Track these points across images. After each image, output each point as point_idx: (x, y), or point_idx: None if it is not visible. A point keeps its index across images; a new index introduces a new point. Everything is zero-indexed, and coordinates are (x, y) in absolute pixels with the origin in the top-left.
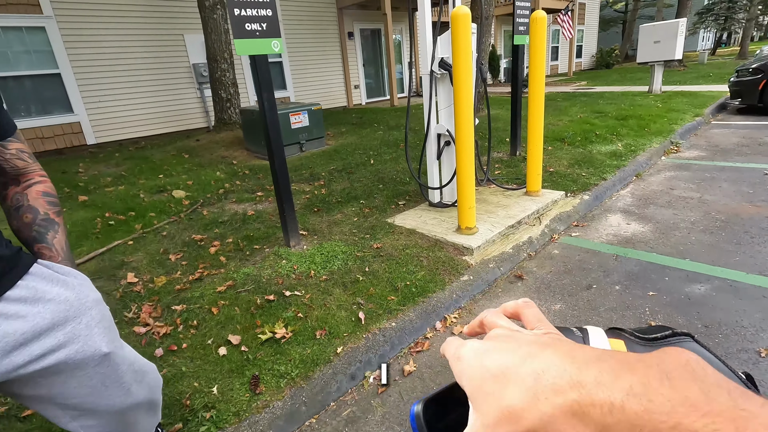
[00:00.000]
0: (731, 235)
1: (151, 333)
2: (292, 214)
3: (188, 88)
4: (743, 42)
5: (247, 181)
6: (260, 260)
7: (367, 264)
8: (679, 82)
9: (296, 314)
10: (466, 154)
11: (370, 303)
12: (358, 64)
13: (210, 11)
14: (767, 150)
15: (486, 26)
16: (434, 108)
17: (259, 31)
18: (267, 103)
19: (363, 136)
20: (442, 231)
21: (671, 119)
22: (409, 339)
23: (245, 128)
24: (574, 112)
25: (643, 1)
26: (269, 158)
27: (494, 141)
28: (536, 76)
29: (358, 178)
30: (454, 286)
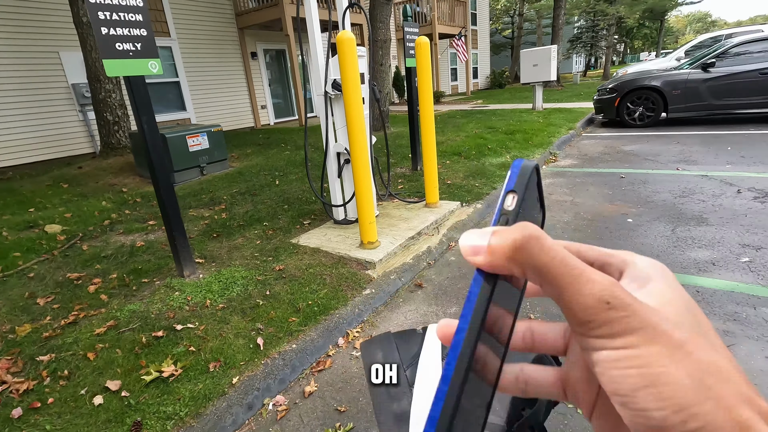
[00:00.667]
0: (595, 231)
1: (8, 391)
2: (184, 242)
3: (68, 111)
4: (605, 65)
5: (138, 210)
6: (149, 295)
7: (269, 287)
8: (557, 99)
9: (188, 348)
10: (362, 171)
11: (271, 327)
12: (263, 84)
13: (88, 27)
14: (623, 157)
15: (384, 49)
16: (331, 127)
17: (132, 51)
18: (147, 126)
19: (269, 157)
20: (346, 247)
21: (550, 132)
22: (310, 359)
23: (136, 153)
24: (470, 128)
25: (525, 29)
26: (153, 183)
27: (397, 157)
28: (425, 96)
29: (262, 199)
30: (357, 301)
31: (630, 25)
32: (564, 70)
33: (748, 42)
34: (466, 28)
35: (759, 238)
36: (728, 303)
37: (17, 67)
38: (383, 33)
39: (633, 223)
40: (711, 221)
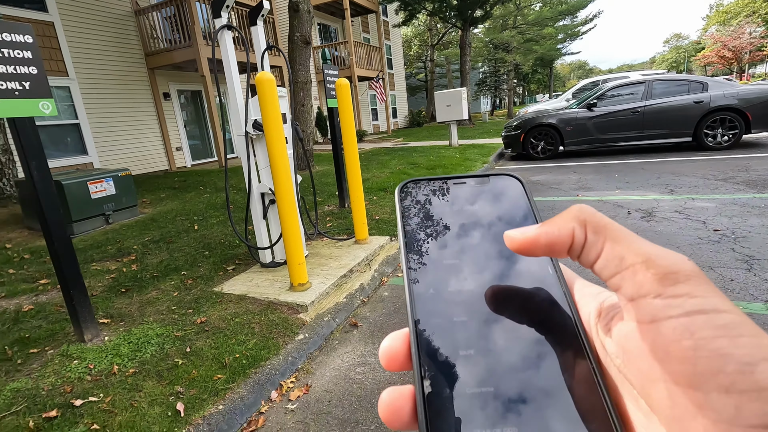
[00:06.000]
0: None
1: None
2: (84, 301)
3: None
4: (509, 105)
5: (26, 268)
6: (39, 367)
7: (189, 343)
8: (470, 136)
9: (90, 427)
10: (289, 211)
11: (192, 388)
12: (178, 125)
13: None
14: (533, 186)
15: (306, 90)
16: (254, 168)
17: (19, 90)
18: (37, 172)
19: (186, 201)
20: (275, 291)
21: (468, 166)
22: (240, 420)
23: (24, 203)
24: (393, 164)
25: (437, 73)
26: (45, 235)
27: (324, 195)
28: (348, 134)
29: (179, 246)
30: (289, 348)
31: (525, 71)
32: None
33: (619, 86)
34: (383, 71)
35: None
36: None
37: None
38: (303, 75)
39: None
40: None
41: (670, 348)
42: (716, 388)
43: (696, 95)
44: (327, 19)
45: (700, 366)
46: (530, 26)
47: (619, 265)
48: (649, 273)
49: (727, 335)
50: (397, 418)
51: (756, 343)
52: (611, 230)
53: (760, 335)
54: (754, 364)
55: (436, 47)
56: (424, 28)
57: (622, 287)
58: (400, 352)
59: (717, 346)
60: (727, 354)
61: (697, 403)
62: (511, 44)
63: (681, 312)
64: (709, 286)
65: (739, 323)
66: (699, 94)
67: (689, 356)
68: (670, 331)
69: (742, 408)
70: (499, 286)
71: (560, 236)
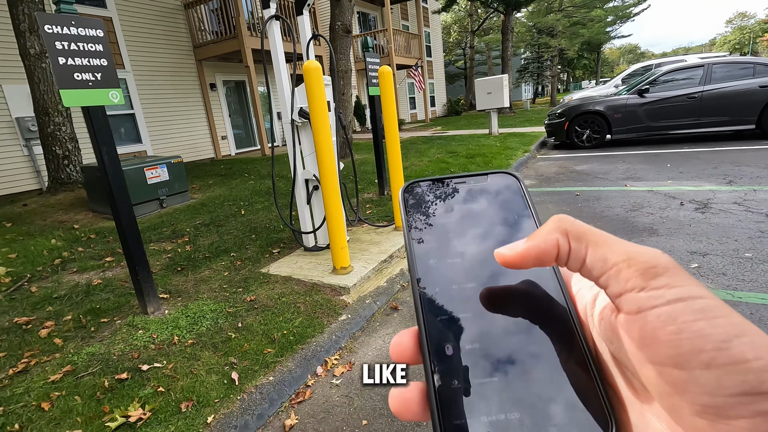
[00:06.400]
0: None
1: None
2: (147, 276)
3: (11, 146)
4: (552, 93)
5: (92, 247)
6: (109, 335)
7: (240, 319)
8: (511, 125)
9: (156, 389)
10: (332, 196)
11: (245, 360)
12: (223, 115)
13: (36, 60)
14: (577, 176)
15: (346, 79)
16: (299, 155)
17: (92, 81)
18: (107, 156)
19: (233, 187)
20: (318, 274)
21: (507, 155)
22: (289, 391)
23: (89, 187)
24: (432, 153)
25: (477, 60)
26: (114, 216)
27: (364, 183)
28: (390, 123)
29: (228, 230)
30: (333, 327)
31: (571, 56)
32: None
33: (674, 70)
34: (422, 59)
35: (704, 245)
36: None
37: None
38: (344, 64)
39: None
40: (660, 232)
41: (657, 333)
42: (698, 365)
43: (762, 79)
44: (366, 7)
45: (683, 347)
46: (577, 9)
47: (604, 266)
48: (631, 270)
49: (704, 318)
50: (407, 410)
51: (729, 322)
52: (592, 235)
53: (732, 315)
54: (729, 341)
55: (477, 33)
56: (464, 14)
57: (609, 285)
58: (409, 348)
59: (696, 329)
60: (706, 334)
61: (683, 380)
62: (556, 28)
63: (663, 301)
64: (686, 276)
65: (714, 306)
66: (765, 78)
67: (673, 339)
68: (655, 318)
69: (721, 380)
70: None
71: (546, 248)
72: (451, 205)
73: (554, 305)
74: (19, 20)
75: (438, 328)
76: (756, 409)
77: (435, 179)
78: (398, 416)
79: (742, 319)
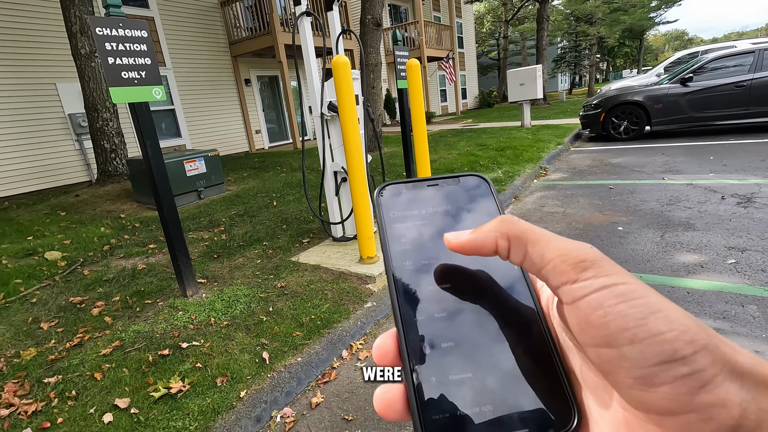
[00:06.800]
0: (587, 240)
1: (16, 413)
2: (187, 262)
3: (64, 140)
4: (590, 83)
5: (137, 234)
6: (153, 315)
7: (271, 304)
8: (545, 117)
9: (194, 365)
10: (360, 188)
11: (275, 342)
12: (257, 109)
13: (86, 59)
14: (611, 169)
15: (375, 72)
16: (328, 148)
17: (137, 78)
18: (151, 150)
19: (265, 180)
20: (346, 263)
21: (540, 148)
22: (316, 371)
23: (134, 179)
24: (461, 146)
25: (511, 50)
26: (157, 206)
27: (392, 175)
28: (417, 115)
29: (260, 220)
30: (359, 314)
31: (611, 44)
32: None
33: (723, 57)
34: (453, 51)
35: (743, 240)
36: (717, 302)
37: (15, 99)
38: (374, 57)
39: (623, 231)
40: (698, 226)
41: (589, 318)
42: (624, 341)
43: None
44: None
45: (610, 328)
46: None
47: (541, 261)
48: (564, 265)
49: (624, 300)
50: (391, 410)
51: (646, 302)
52: (530, 234)
53: (649, 296)
54: (646, 318)
55: (511, 23)
56: (497, 3)
57: (548, 279)
58: (391, 351)
59: (619, 310)
60: (627, 314)
61: (615, 357)
62: (596, 15)
63: (591, 290)
64: (612, 266)
65: (632, 290)
66: None
67: (602, 322)
68: (586, 305)
69: (644, 353)
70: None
71: (484, 244)
72: (425, 207)
73: (521, 300)
74: (71, 22)
75: (415, 328)
76: (674, 374)
77: (409, 181)
78: (383, 417)
79: (660, 298)
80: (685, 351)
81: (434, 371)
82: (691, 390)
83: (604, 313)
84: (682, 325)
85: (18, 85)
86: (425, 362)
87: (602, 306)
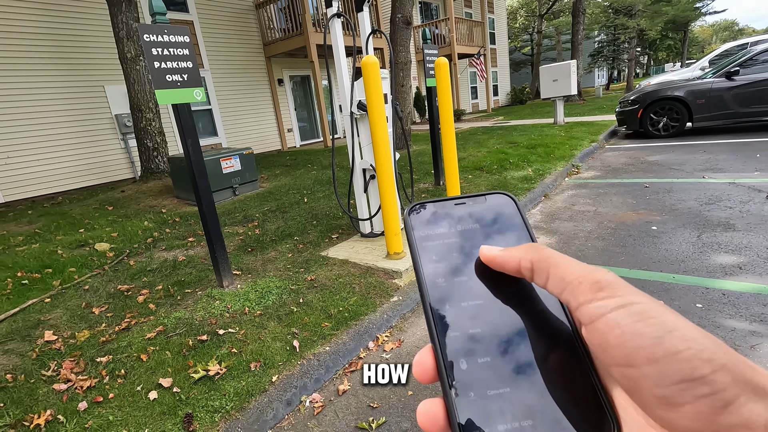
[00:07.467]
0: (618, 239)
1: (73, 388)
2: (223, 255)
3: (111, 139)
4: (628, 78)
5: (177, 228)
6: (192, 303)
7: (302, 295)
8: (579, 113)
9: (230, 350)
10: (387, 185)
11: (305, 331)
12: (289, 108)
13: (132, 63)
14: (647, 167)
15: (405, 70)
16: (357, 146)
17: (180, 81)
18: (192, 148)
19: (297, 177)
20: (373, 258)
21: (572, 145)
22: (343, 360)
23: (174, 176)
24: (491, 143)
25: (545, 46)
26: (197, 201)
27: (419, 173)
28: (445, 114)
29: (292, 216)
30: (385, 308)
31: (652, 37)
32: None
33: None
34: (485, 47)
35: None
36: (755, 305)
37: (67, 101)
38: (404, 56)
39: (657, 230)
40: (738, 227)
41: (607, 338)
42: (643, 361)
43: None
44: None
45: (628, 347)
46: None
47: (562, 283)
48: (581, 286)
49: (640, 320)
50: (434, 424)
51: (661, 321)
52: (553, 259)
53: (665, 314)
54: (662, 337)
55: (545, 17)
56: None
57: (569, 300)
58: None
59: (635, 329)
60: (643, 333)
61: (636, 376)
62: (636, 7)
63: (607, 310)
64: (627, 287)
65: (647, 309)
66: None
67: (620, 341)
68: (604, 325)
69: (663, 372)
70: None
71: (509, 263)
72: (453, 225)
73: (556, 316)
74: (118, 28)
75: (451, 343)
76: (694, 393)
77: (437, 200)
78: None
79: (676, 317)
80: (703, 370)
81: (472, 387)
82: (713, 410)
83: (622, 332)
84: (699, 343)
85: (71, 87)
86: (462, 378)
87: (619, 325)
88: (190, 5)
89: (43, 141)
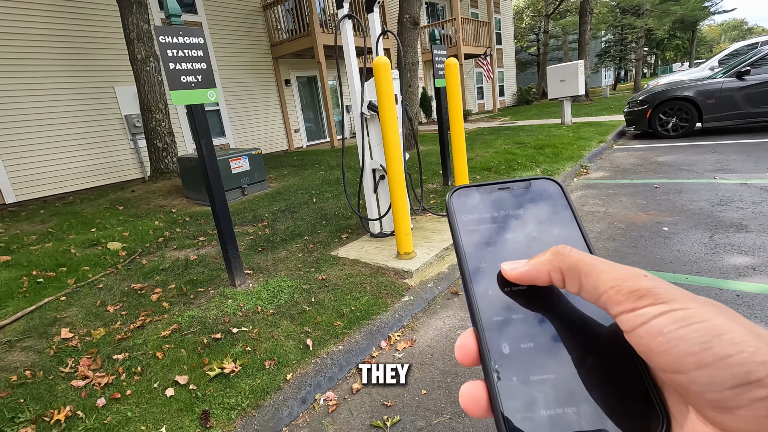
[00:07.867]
0: (629, 240)
1: (91, 385)
2: (235, 254)
3: (121, 140)
4: (636, 78)
5: (188, 228)
6: (205, 302)
7: (313, 295)
8: (586, 114)
9: (244, 348)
10: (398, 185)
11: (318, 330)
12: (296, 109)
13: (142, 64)
14: (657, 168)
15: (412, 71)
16: (367, 146)
17: (194, 82)
18: (206, 148)
19: (305, 177)
20: (383, 258)
21: (580, 146)
22: (356, 359)
23: (184, 176)
24: (498, 144)
25: (551, 46)
26: (210, 201)
27: (428, 174)
28: (455, 113)
29: (301, 216)
30: (397, 307)
31: (660, 36)
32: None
33: None
34: (491, 47)
35: None
36: None
37: (78, 102)
38: (411, 56)
39: (668, 231)
40: (751, 228)
41: (651, 346)
42: (692, 367)
43: None
44: None
45: (673, 354)
46: None
47: (596, 292)
48: (618, 296)
49: (685, 325)
50: (477, 407)
51: (706, 326)
52: (583, 266)
53: (713, 318)
54: (710, 341)
55: (552, 17)
56: None
57: (607, 308)
58: (471, 350)
59: (680, 335)
60: (689, 338)
61: (685, 382)
62: (643, 6)
63: (649, 317)
64: (670, 291)
65: (693, 314)
66: None
67: (664, 349)
68: (646, 333)
69: (714, 377)
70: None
71: (538, 277)
72: (497, 210)
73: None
74: (129, 30)
75: (493, 328)
76: (751, 397)
77: (480, 185)
78: (469, 413)
79: (725, 320)
80: (759, 373)
81: (515, 371)
82: None
83: (666, 340)
84: (751, 346)
85: (82, 88)
86: (505, 362)
87: (662, 332)
88: (199, 6)
89: (54, 141)
